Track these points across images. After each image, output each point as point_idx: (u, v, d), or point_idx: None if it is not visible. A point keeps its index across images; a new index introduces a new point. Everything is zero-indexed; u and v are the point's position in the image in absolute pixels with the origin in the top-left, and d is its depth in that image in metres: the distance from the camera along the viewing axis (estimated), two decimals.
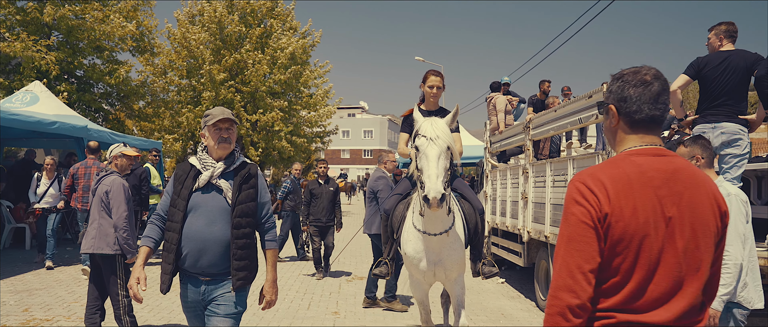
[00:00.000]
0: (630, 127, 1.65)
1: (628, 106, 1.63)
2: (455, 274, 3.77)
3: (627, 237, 1.52)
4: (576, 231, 1.54)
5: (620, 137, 1.68)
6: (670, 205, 1.54)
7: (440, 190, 2.99)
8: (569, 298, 1.50)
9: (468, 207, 3.98)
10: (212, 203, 2.81)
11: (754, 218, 5.46)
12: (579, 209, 1.55)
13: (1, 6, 14.51)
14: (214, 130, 2.87)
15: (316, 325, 5.45)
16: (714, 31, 4.61)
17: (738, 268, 2.88)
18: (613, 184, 1.54)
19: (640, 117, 1.62)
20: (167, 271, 2.82)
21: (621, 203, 1.52)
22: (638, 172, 1.56)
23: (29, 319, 5.23)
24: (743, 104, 4.57)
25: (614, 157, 1.67)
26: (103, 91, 17.09)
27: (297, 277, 7.96)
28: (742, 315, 3.03)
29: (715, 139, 4.48)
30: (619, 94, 1.65)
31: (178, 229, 2.77)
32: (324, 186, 7.87)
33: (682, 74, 4.69)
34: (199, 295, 2.82)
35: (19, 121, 7.88)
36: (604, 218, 1.52)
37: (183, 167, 2.93)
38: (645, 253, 1.52)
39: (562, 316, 1.51)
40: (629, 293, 1.53)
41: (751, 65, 4.45)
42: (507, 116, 8.82)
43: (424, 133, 3.24)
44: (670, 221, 1.53)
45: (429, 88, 4.15)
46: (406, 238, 3.75)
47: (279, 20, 20.73)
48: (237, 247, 2.77)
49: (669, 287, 1.52)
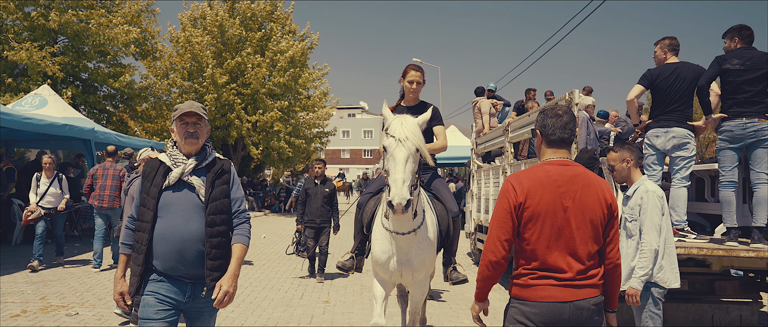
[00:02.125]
0: (547, 145, 2.46)
1: (547, 131, 2.45)
2: (421, 275, 3.63)
3: (534, 217, 2.31)
4: (500, 215, 2.35)
5: (542, 151, 2.49)
6: (567, 198, 2.32)
7: (405, 197, 2.88)
8: (491, 256, 2.35)
9: (441, 209, 3.83)
10: (185, 201, 2.69)
11: (709, 214, 5.99)
12: (504, 201, 2.36)
13: (9, 12, 15.03)
14: (180, 124, 2.75)
15: (308, 312, 5.96)
16: (659, 45, 5.12)
17: (653, 253, 3.40)
18: (529, 182, 2.35)
19: (554, 138, 2.44)
20: (136, 273, 2.66)
21: (532, 195, 2.32)
22: (547, 175, 2.36)
23: (47, 305, 5.76)
24: (690, 111, 5.06)
25: (535, 164, 2.47)
26: (107, 93, 17.62)
27: (293, 270, 8.47)
28: (659, 293, 3.55)
29: (667, 143, 4.98)
30: (542, 122, 2.47)
31: (148, 229, 2.63)
32: (319, 186, 7.77)
33: (637, 84, 5.18)
34: (183, 296, 2.69)
35: (32, 124, 8.40)
36: (519, 206, 2.32)
37: (151, 164, 2.79)
38: (547, 228, 2.31)
39: (486, 267, 2.38)
40: (541, 256, 2.32)
41: (697, 76, 4.94)
42: (491, 119, 9.32)
43: (393, 133, 3.11)
44: (567, 209, 2.31)
45: (408, 84, 3.98)
46: (375, 237, 3.64)
47: (278, 24, 21.25)
48: (211, 246, 2.64)
49: (566, 252, 2.32)
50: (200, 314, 2.76)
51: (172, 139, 2.83)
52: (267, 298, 6.55)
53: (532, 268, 2.32)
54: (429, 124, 3.71)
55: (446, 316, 5.98)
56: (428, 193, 3.86)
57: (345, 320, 5.66)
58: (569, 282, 2.28)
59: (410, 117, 3.25)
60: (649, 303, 3.53)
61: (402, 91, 4.13)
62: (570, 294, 2.27)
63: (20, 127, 8.24)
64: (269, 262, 8.65)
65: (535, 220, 2.29)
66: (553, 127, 2.41)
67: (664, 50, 5.11)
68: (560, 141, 2.42)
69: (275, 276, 8.06)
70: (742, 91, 4.71)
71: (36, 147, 13.77)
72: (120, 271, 2.74)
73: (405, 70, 4.05)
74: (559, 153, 2.42)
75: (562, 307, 2.25)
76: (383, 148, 3.18)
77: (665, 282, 3.53)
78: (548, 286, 2.29)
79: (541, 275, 2.30)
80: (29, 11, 15.39)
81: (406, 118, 3.19)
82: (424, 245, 3.51)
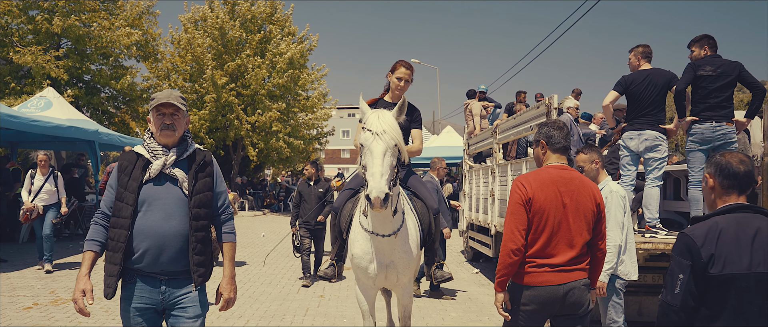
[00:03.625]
0: (553, 151, 2.92)
1: (553, 141, 2.91)
2: (406, 278, 3.53)
3: (540, 211, 2.73)
4: (515, 208, 2.76)
5: (547, 156, 2.94)
6: (566, 197, 2.77)
7: (384, 190, 2.78)
8: (511, 245, 2.72)
9: (421, 206, 3.73)
10: (167, 195, 2.56)
11: (685, 212, 6.30)
12: (517, 196, 2.78)
13: (14, 16, 15.36)
14: (156, 115, 2.61)
15: (303, 306, 6.28)
16: (633, 52, 5.43)
17: (617, 248, 3.73)
18: (535, 182, 2.79)
19: (559, 146, 2.91)
20: (113, 273, 2.50)
21: (538, 193, 2.75)
22: (550, 177, 2.80)
23: (57, 299, 6.10)
24: (662, 115, 5.37)
25: (541, 168, 2.92)
26: (109, 94, 17.94)
27: (290, 267, 8.79)
28: (620, 284, 3.89)
29: (640, 145, 5.29)
30: (548, 134, 2.94)
31: (128, 225, 2.49)
32: (312, 187, 7.65)
33: (612, 90, 5.49)
34: (157, 295, 2.55)
35: (40, 126, 8.72)
36: (529, 201, 2.74)
37: (128, 157, 2.65)
38: (550, 222, 2.73)
39: (507, 255, 2.73)
40: (542, 245, 2.74)
41: (668, 82, 5.26)
42: (482, 121, 9.64)
43: (370, 127, 3.01)
44: (565, 206, 2.76)
45: (397, 80, 3.85)
46: (354, 239, 3.50)
47: (278, 26, 21.55)
48: (196, 241, 2.55)
49: (564, 243, 2.75)
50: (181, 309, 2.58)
51: (148, 130, 2.70)
52: (265, 293, 6.88)
53: (532, 256, 2.74)
54: (407, 125, 3.68)
55: (435, 310, 6.29)
56: (406, 191, 3.72)
57: (338, 313, 5.98)
58: (561, 267, 2.73)
59: (387, 111, 3.15)
60: (613, 294, 3.86)
61: (387, 86, 3.99)
62: (563, 278, 2.72)
63: (28, 129, 8.57)
64: (268, 259, 8.97)
65: (541, 213, 2.73)
66: (558, 137, 2.90)
67: (638, 57, 5.42)
68: (564, 148, 2.92)
69: (273, 272, 8.38)
70: (713, 96, 5.00)
71: (40, 148, 14.01)
72: (85, 267, 2.49)
73: (395, 65, 3.89)
74: (561, 159, 2.91)
75: (557, 289, 2.71)
76: (360, 143, 3.09)
77: (626, 275, 3.86)
78: (545, 272, 2.73)
79: (539, 263, 2.73)
80: (33, 15, 15.72)
81: (383, 112, 3.10)
82: (407, 247, 3.40)
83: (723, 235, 2.09)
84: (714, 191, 2.26)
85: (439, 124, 37.21)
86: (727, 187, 2.22)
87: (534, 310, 2.75)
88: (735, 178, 2.20)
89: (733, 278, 2.05)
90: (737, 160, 2.22)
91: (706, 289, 2.08)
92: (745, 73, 4.93)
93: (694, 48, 5.26)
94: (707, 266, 2.06)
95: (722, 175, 2.23)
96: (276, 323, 5.50)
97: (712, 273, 2.06)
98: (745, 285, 2.05)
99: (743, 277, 2.05)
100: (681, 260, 2.11)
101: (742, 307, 2.05)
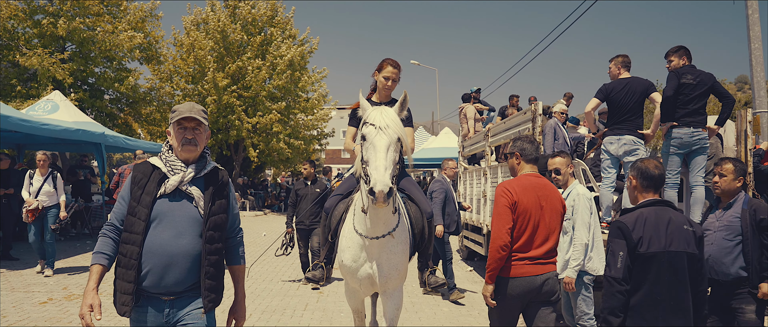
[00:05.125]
0: (526, 163, 3.37)
1: (526, 153, 3.36)
2: (395, 283, 3.42)
3: (524, 213, 3.15)
4: (502, 210, 3.15)
5: (521, 166, 3.39)
6: (542, 200, 3.22)
7: (388, 183, 2.68)
8: (499, 242, 3.10)
9: (415, 210, 3.65)
10: (180, 213, 2.47)
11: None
12: (504, 200, 3.17)
13: (20, 20, 15.72)
14: (178, 128, 2.52)
15: (303, 301, 6.62)
16: (613, 62, 5.75)
17: (584, 247, 4.08)
18: (519, 188, 3.22)
19: (531, 158, 3.36)
20: (127, 291, 2.40)
21: (522, 197, 3.17)
22: (529, 184, 3.25)
23: (70, 294, 6.46)
24: (641, 121, 5.70)
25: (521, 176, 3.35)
26: (112, 97, 18.30)
27: (290, 266, 9.13)
28: (589, 279, 4.25)
29: (619, 149, 5.62)
30: (521, 147, 3.38)
31: (140, 241, 2.39)
32: (310, 187, 7.57)
33: (594, 98, 5.82)
34: (161, 318, 2.45)
35: (50, 129, 9.06)
36: (514, 204, 3.15)
37: (142, 169, 2.53)
38: (532, 221, 3.16)
39: (497, 251, 3.10)
40: (524, 242, 3.15)
41: (645, 89, 5.59)
42: (476, 124, 9.98)
43: (373, 122, 2.95)
44: (542, 208, 3.20)
45: (384, 79, 3.76)
46: (345, 245, 3.41)
47: (279, 28, 21.87)
48: (209, 264, 2.47)
49: (542, 239, 3.20)
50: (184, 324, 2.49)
51: (167, 143, 2.60)
52: (266, 289, 7.22)
53: (515, 251, 3.15)
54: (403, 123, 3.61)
55: (428, 305, 6.62)
56: (400, 193, 3.63)
57: (336, 308, 6.31)
58: (539, 260, 3.17)
59: (389, 107, 3.11)
60: (582, 288, 4.20)
61: (374, 85, 3.92)
62: (541, 269, 3.15)
63: (39, 132, 8.91)
64: (268, 257, 9.30)
65: (525, 214, 3.15)
66: (530, 150, 3.36)
67: (618, 67, 5.75)
68: (535, 159, 3.38)
69: (274, 270, 8.72)
70: (693, 103, 5.31)
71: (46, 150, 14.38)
72: (92, 282, 2.39)
73: (381, 64, 3.82)
74: (533, 168, 3.36)
75: (535, 280, 3.13)
76: (362, 137, 3.00)
77: (594, 270, 4.21)
78: (525, 265, 3.15)
79: (520, 257, 3.15)
80: (39, 19, 16.07)
81: (385, 109, 3.05)
82: (398, 250, 3.31)
83: (647, 222, 2.74)
84: (636, 189, 2.92)
85: (438, 125, 37.53)
86: (645, 186, 2.89)
87: (516, 297, 3.17)
88: (651, 179, 2.87)
89: (654, 255, 2.69)
90: (653, 165, 2.89)
91: (633, 265, 2.72)
92: (717, 84, 5.28)
93: (672, 58, 5.58)
94: (637, 246, 2.70)
95: (642, 176, 2.89)
96: (277, 317, 5.84)
97: (640, 251, 2.70)
98: (661, 261, 2.68)
99: (661, 255, 2.68)
100: (619, 241, 2.74)
101: (658, 279, 2.70)
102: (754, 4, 6.86)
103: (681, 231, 2.75)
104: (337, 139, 52.74)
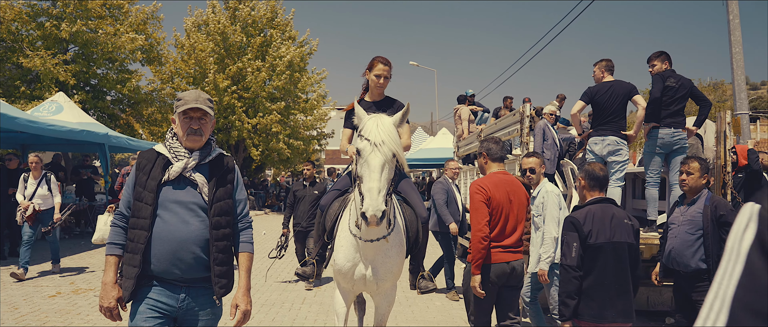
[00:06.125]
0: (492, 161, 3.73)
1: (492, 153, 3.73)
2: (388, 285, 3.40)
3: (497, 207, 3.53)
4: (479, 205, 3.51)
5: (489, 166, 3.76)
6: (511, 195, 3.59)
7: (380, 208, 2.67)
8: (480, 234, 3.47)
9: (410, 213, 3.60)
10: (185, 199, 2.46)
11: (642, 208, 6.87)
12: (479, 196, 3.53)
13: (24, 22, 15.98)
14: (183, 118, 2.50)
15: (300, 295, 6.88)
16: (597, 66, 6.01)
17: (554, 241, 4.34)
18: (491, 185, 3.58)
19: (496, 157, 3.74)
20: (130, 276, 2.38)
21: (494, 193, 3.53)
22: (500, 181, 3.62)
23: (77, 289, 6.74)
24: (624, 122, 5.95)
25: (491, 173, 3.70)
26: (114, 98, 18.56)
27: (289, 262, 9.39)
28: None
29: (604, 149, 5.87)
30: (488, 147, 3.76)
31: (148, 225, 2.38)
32: (308, 188, 7.46)
33: (579, 100, 6.06)
34: (176, 302, 2.45)
35: (55, 130, 9.32)
36: (489, 199, 3.50)
37: (147, 156, 2.54)
38: (503, 214, 3.55)
39: (479, 242, 3.46)
40: (498, 233, 3.54)
41: (628, 92, 5.84)
42: (470, 125, 10.24)
43: (368, 136, 2.88)
44: (511, 202, 3.58)
45: (375, 77, 3.69)
46: (339, 244, 3.38)
47: (278, 30, 22.14)
48: (217, 250, 2.46)
49: (511, 229, 3.60)
50: (196, 319, 2.49)
51: (171, 130, 2.59)
52: (266, 284, 7.49)
53: (494, 240, 3.52)
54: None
55: (421, 299, 6.88)
56: (397, 195, 3.59)
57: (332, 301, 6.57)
58: (511, 248, 3.58)
59: (386, 117, 3.02)
60: (555, 279, 4.46)
61: (365, 85, 3.85)
62: (512, 257, 3.57)
63: (45, 133, 9.17)
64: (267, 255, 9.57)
65: (497, 208, 3.53)
66: (495, 150, 3.75)
67: (602, 70, 6.01)
68: (500, 158, 3.76)
69: (274, 266, 8.97)
70: (674, 104, 5.58)
71: (51, 150, 14.69)
72: (110, 274, 2.42)
73: (371, 62, 3.75)
74: (500, 166, 3.75)
75: (507, 266, 3.53)
76: (357, 151, 2.96)
77: None
78: (500, 253, 3.52)
79: (495, 246, 3.53)
80: (42, 21, 16.34)
81: (381, 119, 2.96)
82: (393, 252, 3.28)
83: (594, 217, 3.16)
84: (585, 188, 3.34)
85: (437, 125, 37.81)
86: (592, 186, 3.31)
87: (494, 283, 3.56)
88: (597, 180, 3.32)
89: (601, 246, 3.11)
90: (598, 168, 3.33)
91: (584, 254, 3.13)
92: (695, 88, 5.57)
93: (655, 62, 5.84)
94: (587, 238, 3.12)
95: (589, 178, 3.31)
96: (276, 310, 6.10)
97: (589, 242, 3.12)
98: (607, 250, 3.09)
99: (607, 245, 3.10)
100: (572, 234, 3.17)
101: (605, 266, 3.12)
102: (735, 9, 7.12)
103: (622, 225, 3.18)
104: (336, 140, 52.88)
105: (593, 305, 3.16)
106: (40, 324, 5.22)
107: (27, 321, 5.30)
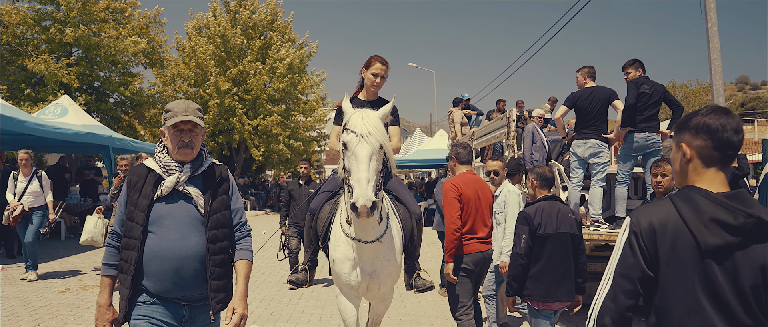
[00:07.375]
0: (461, 164, 4.29)
1: (459, 156, 4.30)
2: (388, 287, 3.39)
3: (468, 202, 4.02)
4: (451, 201, 3.97)
5: (458, 168, 4.30)
6: (479, 192, 4.12)
7: (371, 198, 2.63)
8: (453, 226, 3.94)
9: (404, 211, 3.58)
10: (181, 214, 2.40)
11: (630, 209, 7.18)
12: (452, 193, 4.00)
13: (28, 27, 16.30)
14: (174, 131, 2.43)
15: (298, 292, 7.19)
16: (580, 72, 6.31)
17: None
18: (462, 183, 4.08)
19: (464, 160, 4.30)
20: (125, 297, 2.35)
21: (465, 190, 4.03)
22: (468, 179, 4.13)
23: (85, 285, 7.07)
24: (605, 126, 6.27)
25: (461, 173, 4.20)
26: (117, 100, 18.89)
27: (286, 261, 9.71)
28: None
29: (586, 151, 6.17)
30: (456, 152, 4.32)
31: (137, 246, 2.33)
32: (304, 187, 7.44)
33: (562, 105, 6.38)
34: (179, 320, 2.43)
35: (62, 133, 9.64)
36: (461, 195, 3.99)
37: (138, 172, 2.46)
38: (472, 209, 4.04)
39: (452, 233, 3.93)
40: (470, 226, 4.04)
41: (608, 97, 6.15)
42: (463, 127, 10.57)
43: (354, 129, 2.85)
44: (479, 198, 4.09)
45: (372, 76, 3.66)
46: (335, 245, 3.33)
47: (278, 32, 22.44)
48: (214, 264, 2.39)
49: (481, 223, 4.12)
50: None
51: (161, 143, 2.52)
52: (266, 282, 7.80)
53: (464, 234, 4.00)
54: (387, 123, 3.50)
55: (413, 294, 7.18)
56: (389, 195, 3.56)
57: (328, 298, 6.89)
58: (482, 239, 4.10)
59: (372, 111, 2.98)
60: None
61: (361, 83, 3.81)
62: (484, 247, 4.10)
63: (52, 136, 9.49)
64: (268, 253, 9.88)
65: (468, 204, 4.01)
66: (463, 154, 4.30)
67: (584, 77, 6.32)
68: (468, 161, 4.30)
69: (273, 265, 9.30)
70: (648, 109, 5.88)
71: (55, 151, 15.01)
72: (104, 296, 2.40)
73: (369, 60, 3.71)
74: (468, 168, 4.26)
75: (482, 255, 4.06)
76: (343, 144, 2.91)
77: None
78: (474, 243, 4.03)
79: (470, 238, 4.03)
80: (47, 26, 16.67)
81: (367, 112, 2.93)
82: (390, 255, 3.24)
83: (543, 212, 3.63)
84: (536, 188, 3.82)
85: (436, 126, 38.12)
86: (542, 185, 3.81)
87: (471, 270, 4.06)
88: (546, 180, 3.82)
89: (548, 236, 3.58)
90: (547, 170, 3.79)
91: (534, 244, 3.59)
92: (668, 93, 5.88)
93: (630, 70, 6.14)
94: (537, 230, 3.58)
95: (540, 179, 3.80)
96: (275, 305, 6.42)
97: (539, 233, 3.58)
98: (554, 240, 3.58)
99: (554, 235, 3.58)
100: (523, 227, 3.62)
101: (552, 254, 3.60)
102: (713, 17, 7.42)
103: (567, 218, 3.66)
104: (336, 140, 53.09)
105: (542, 287, 3.63)
106: (53, 317, 5.54)
107: (40, 314, 5.63)
